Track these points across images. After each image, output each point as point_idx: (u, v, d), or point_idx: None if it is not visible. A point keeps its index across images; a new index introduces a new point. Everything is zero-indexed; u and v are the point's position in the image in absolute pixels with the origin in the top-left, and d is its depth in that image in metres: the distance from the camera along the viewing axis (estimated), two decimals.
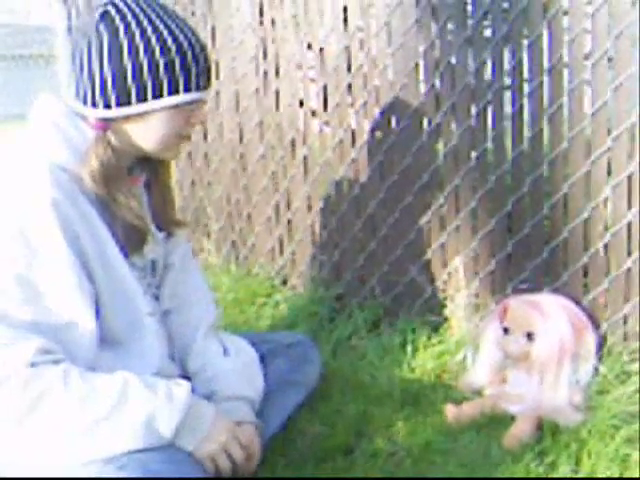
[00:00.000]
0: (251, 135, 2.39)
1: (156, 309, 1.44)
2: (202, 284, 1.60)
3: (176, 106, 1.27)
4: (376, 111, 2.06)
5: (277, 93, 2.29)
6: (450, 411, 1.60)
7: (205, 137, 2.56)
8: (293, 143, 2.28)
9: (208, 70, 1.31)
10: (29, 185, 1.20)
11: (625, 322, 1.70)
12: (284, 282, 2.39)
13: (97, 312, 1.25)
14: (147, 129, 1.28)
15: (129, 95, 1.23)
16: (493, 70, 1.82)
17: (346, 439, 1.54)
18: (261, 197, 2.41)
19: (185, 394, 1.23)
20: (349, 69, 2.09)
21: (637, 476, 1.33)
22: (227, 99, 2.44)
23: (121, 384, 1.18)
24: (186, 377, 1.43)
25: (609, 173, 1.68)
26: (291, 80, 2.24)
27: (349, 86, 2.10)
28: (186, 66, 1.25)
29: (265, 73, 2.31)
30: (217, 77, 2.44)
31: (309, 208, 2.29)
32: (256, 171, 2.40)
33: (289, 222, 2.36)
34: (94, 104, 1.25)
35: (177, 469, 1.16)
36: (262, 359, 1.57)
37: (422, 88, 1.96)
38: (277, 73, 2.28)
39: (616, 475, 1.34)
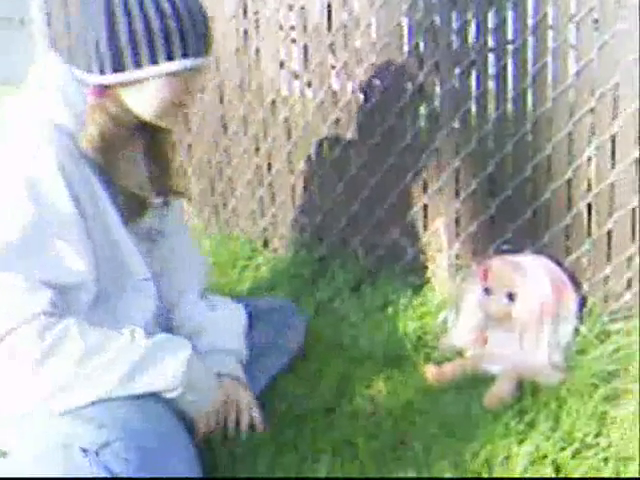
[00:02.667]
0: (231, 96, 2.35)
1: (152, 274, 1.44)
2: (192, 248, 1.62)
3: (173, 73, 1.24)
4: (358, 71, 2.03)
5: (257, 53, 2.25)
6: (431, 372, 1.61)
7: None
8: (274, 104, 2.25)
9: (207, 36, 1.27)
10: (36, 147, 1.19)
11: (606, 283, 1.70)
12: (265, 244, 2.38)
13: None
14: (143, 96, 1.26)
15: (124, 61, 1.21)
16: (477, 30, 1.79)
17: (327, 399, 1.54)
18: (242, 159, 2.38)
19: (189, 346, 1.26)
20: (330, 28, 2.05)
21: (614, 433, 1.35)
22: None
23: (129, 334, 1.21)
24: None
25: (593, 133, 1.67)
26: (272, 39, 2.20)
27: (331, 45, 2.07)
28: (183, 32, 1.22)
29: (245, 32, 2.26)
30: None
31: (291, 170, 2.26)
32: (237, 133, 2.37)
33: (270, 184, 2.33)
34: (90, 70, 1.23)
35: (156, 427, 1.16)
36: None
37: (405, 48, 1.93)
38: (257, 32, 2.23)
39: (594, 432, 1.35)
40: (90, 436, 1.09)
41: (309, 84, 2.16)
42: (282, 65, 2.22)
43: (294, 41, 2.18)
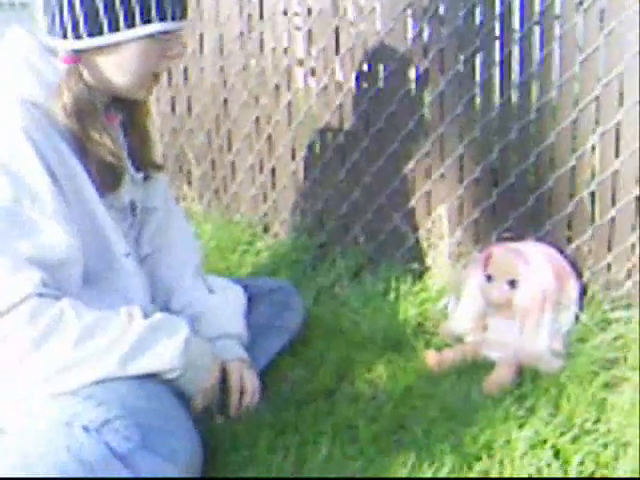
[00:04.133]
0: (234, 80, 2.34)
1: (135, 251, 1.43)
2: (186, 228, 1.61)
3: (150, 36, 1.23)
4: (362, 57, 2.02)
5: (261, 37, 2.24)
6: (431, 357, 1.61)
7: (187, 82, 2.51)
8: (277, 89, 2.24)
9: (183, 0, 1.26)
10: (2, 124, 1.17)
11: (608, 270, 1.71)
12: (266, 230, 2.38)
13: None
14: (120, 62, 1.25)
15: (100, 25, 1.20)
16: (482, 17, 1.79)
17: (328, 383, 1.54)
18: (244, 144, 2.38)
19: (186, 326, 1.26)
20: (335, 13, 2.04)
21: (613, 419, 1.35)
22: (210, 42, 2.38)
23: (127, 315, 1.21)
24: None
25: (597, 122, 1.67)
26: (276, 24, 2.19)
27: (335, 31, 2.06)
28: None
29: (249, 16, 2.25)
30: (200, 19, 2.38)
31: (293, 155, 2.26)
32: (239, 117, 2.36)
33: (272, 169, 2.33)
34: (64, 35, 1.21)
35: (155, 405, 1.16)
36: None
37: (409, 34, 1.92)
38: (261, 16, 2.23)
39: (593, 418, 1.36)
40: (90, 414, 1.09)
41: (313, 71, 2.15)
42: (286, 52, 2.21)
43: (298, 29, 2.17)
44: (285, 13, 2.18)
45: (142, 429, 1.10)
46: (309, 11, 2.11)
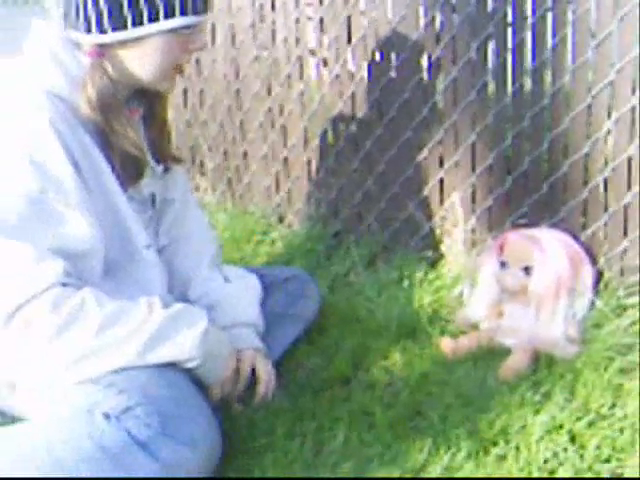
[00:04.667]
0: (247, 70, 2.35)
1: (155, 242, 1.46)
2: (202, 218, 1.63)
3: (173, 30, 1.25)
4: (374, 46, 2.02)
5: (273, 27, 2.24)
6: (446, 344, 1.62)
7: (199, 73, 2.51)
8: (289, 78, 2.24)
9: None
10: (27, 109, 1.20)
11: (623, 257, 1.70)
12: (280, 219, 2.39)
13: None
14: (143, 56, 1.27)
15: (124, 19, 1.21)
16: (495, 2, 1.78)
17: (344, 370, 1.55)
18: (257, 134, 2.39)
19: (205, 316, 1.28)
20: (346, 2, 2.04)
21: (630, 404, 1.35)
22: (222, 33, 2.39)
23: (147, 305, 1.22)
24: None
25: (611, 107, 1.66)
26: (287, 14, 2.19)
27: (347, 20, 2.06)
28: None
29: (261, 6, 2.25)
30: (211, 10, 2.38)
31: (306, 145, 2.26)
32: (252, 108, 2.37)
33: (286, 159, 2.33)
34: (88, 30, 1.23)
35: (175, 393, 1.18)
36: None
37: (421, 21, 1.92)
38: (273, 6, 2.23)
39: (609, 403, 1.36)
40: (111, 401, 1.11)
41: (325, 62, 2.15)
42: (297, 41, 2.21)
43: (310, 18, 2.17)
44: (297, 4, 2.18)
45: (162, 416, 1.12)
46: (320, 1, 2.10)
